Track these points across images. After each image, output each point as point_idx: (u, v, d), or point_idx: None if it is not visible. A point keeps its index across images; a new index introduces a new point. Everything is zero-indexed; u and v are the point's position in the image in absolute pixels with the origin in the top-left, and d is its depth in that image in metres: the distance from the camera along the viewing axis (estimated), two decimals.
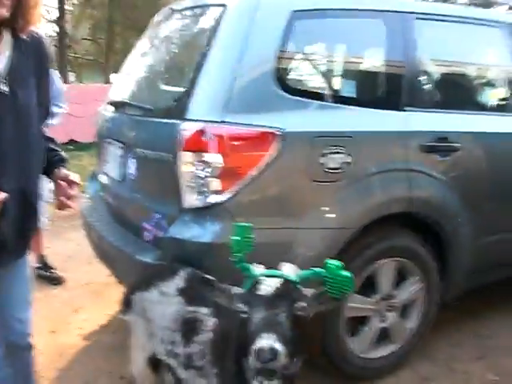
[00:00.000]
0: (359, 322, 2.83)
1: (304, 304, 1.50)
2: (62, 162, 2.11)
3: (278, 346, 1.36)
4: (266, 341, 1.37)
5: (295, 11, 2.50)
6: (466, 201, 2.91)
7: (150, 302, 2.14)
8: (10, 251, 1.97)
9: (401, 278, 2.87)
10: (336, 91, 2.80)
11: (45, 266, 4.37)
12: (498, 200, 3.11)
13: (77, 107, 10.39)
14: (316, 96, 2.57)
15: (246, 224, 1.65)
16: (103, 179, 3.28)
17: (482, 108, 3.35)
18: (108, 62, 19.02)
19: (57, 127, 2.25)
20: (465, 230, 2.94)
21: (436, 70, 3.11)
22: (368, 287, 2.75)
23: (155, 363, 2.25)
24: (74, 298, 4.01)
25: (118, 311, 2.37)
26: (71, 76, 14.99)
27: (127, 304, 2.27)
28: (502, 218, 3.16)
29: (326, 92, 2.67)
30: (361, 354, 2.82)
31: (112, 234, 2.86)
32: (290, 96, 2.46)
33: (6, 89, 1.77)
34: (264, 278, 1.53)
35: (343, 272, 1.47)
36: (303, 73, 2.77)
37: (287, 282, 1.52)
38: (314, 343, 2.70)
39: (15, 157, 1.86)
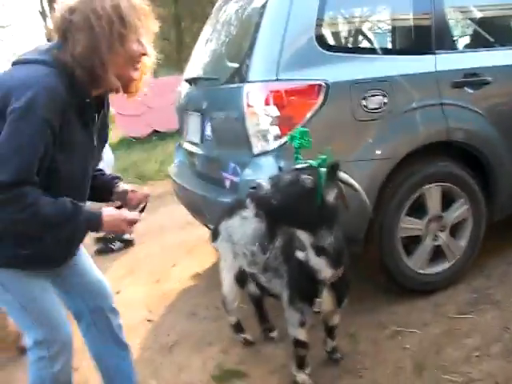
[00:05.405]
0: (415, 241, 3.15)
1: (309, 177, 2.06)
2: (117, 178, 2.22)
3: (265, 184, 2.00)
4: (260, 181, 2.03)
5: None
6: (503, 128, 3.15)
7: (233, 227, 2.65)
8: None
9: (449, 200, 3.16)
10: (371, 44, 3.20)
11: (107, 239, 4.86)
12: None
13: (156, 99, 10.82)
14: (353, 50, 3.01)
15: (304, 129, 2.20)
16: (187, 146, 3.81)
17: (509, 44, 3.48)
18: (180, 55, 19.59)
19: (139, 120, 2.43)
20: (504, 156, 3.19)
21: (461, 16, 3.41)
22: (418, 210, 3.09)
23: (241, 279, 2.76)
24: (171, 255, 4.56)
25: (210, 241, 2.91)
26: None
27: (215, 233, 2.81)
28: None
29: (362, 46, 3.10)
30: (418, 270, 3.14)
31: (198, 187, 3.39)
32: (331, 53, 2.90)
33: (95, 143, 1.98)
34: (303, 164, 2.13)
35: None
36: (340, 32, 3.18)
37: (310, 166, 2.11)
38: (374, 263, 3.12)
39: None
